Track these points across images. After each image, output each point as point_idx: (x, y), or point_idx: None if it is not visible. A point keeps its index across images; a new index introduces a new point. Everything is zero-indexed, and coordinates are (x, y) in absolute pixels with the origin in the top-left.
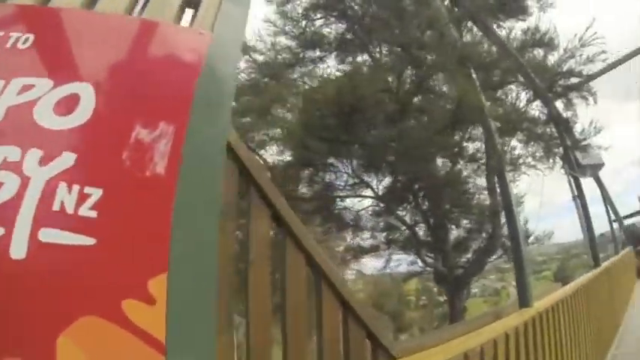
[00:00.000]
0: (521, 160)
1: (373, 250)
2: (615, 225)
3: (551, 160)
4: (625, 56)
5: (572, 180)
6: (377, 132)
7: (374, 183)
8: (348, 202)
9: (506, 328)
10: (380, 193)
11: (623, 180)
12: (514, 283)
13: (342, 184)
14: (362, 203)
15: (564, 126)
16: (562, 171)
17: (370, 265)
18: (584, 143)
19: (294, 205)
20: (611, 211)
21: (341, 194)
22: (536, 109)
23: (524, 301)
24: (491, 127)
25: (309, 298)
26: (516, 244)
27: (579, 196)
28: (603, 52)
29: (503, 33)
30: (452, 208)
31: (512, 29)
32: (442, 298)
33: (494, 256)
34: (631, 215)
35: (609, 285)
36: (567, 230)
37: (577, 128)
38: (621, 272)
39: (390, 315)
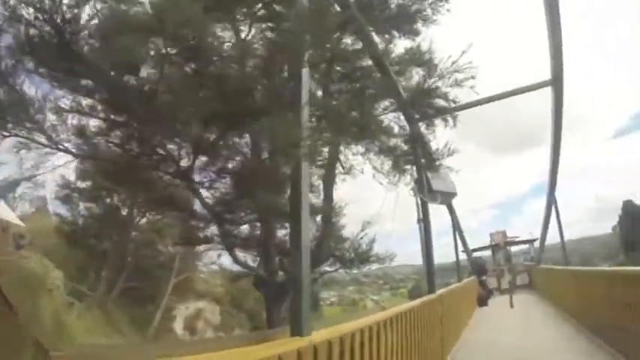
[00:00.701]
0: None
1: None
2: (465, 255)
3: (397, 176)
4: (498, 95)
5: (420, 203)
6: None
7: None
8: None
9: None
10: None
11: (479, 218)
12: (372, 296)
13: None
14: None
15: (421, 143)
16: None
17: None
18: (437, 163)
19: None
20: (460, 243)
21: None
22: (395, 123)
23: (296, 328)
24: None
25: None
26: (298, 261)
27: (424, 221)
28: (472, 77)
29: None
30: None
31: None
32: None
33: (331, 268)
34: (480, 249)
35: (444, 311)
36: (437, 250)
37: (432, 147)
38: (460, 299)
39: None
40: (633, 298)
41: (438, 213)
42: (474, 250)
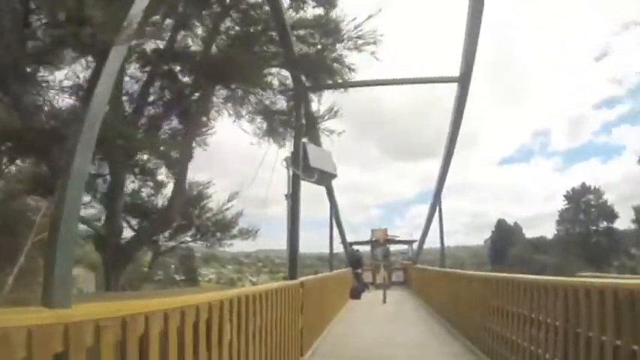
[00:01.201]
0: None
1: None
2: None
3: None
4: (401, 79)
5: (292, 176)
6: None
7: None
8: None
9: None
10: None
11: (365, 215)
12: (251, 277)
13: None
14: None
15: (305, 102)
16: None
17: None
18: (319, 124)
19: None
20: (338, 233)
21: None
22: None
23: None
24: None
25: None
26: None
27: (293, 198)
28: (374, 42)
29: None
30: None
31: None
32: None
33: (190, 237)
34: (360, 243)
35: (306, 299)
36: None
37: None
38: (329, 289)
39: None
40: (494, 300)
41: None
42: (354, 243)
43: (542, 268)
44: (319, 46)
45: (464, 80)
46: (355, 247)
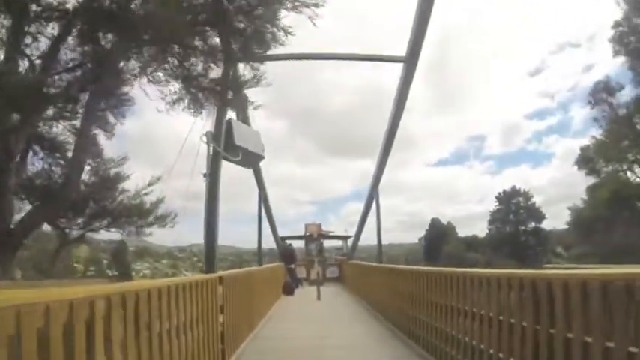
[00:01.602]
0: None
1: None
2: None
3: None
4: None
5: (211, 153)
6: None
7: None
8: None
9: None
10: None
11: (298, 210)
12: (186, 272)
13: None
14: None
15: (233, 65)
16: None
17: None
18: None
19: None
20: (268, 223)
21: None
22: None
23: None
24: None
25: None
26: None
27: (211, 178)
28: (315, 5)
29: None
30: None
31: None
32: None
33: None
34: (293, 237)
35: (228, 296)
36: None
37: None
38: (258, 285)
39: None
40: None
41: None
42: (287, 237)
43: (474, 264)
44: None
45: (411, 59)
46: (288, 242)
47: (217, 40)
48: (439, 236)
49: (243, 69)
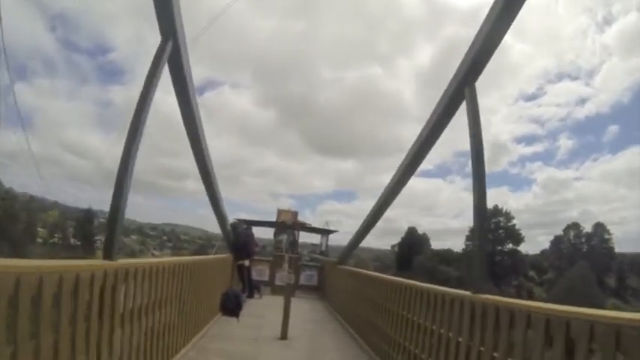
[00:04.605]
0: None
1: None
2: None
3: None
4: None
5: None
6: None
7: None
8: None
9: None
10: None
11: (279, 203)
12: (155, 251)
13: None
14: None
15: None
16: None
17: None
18: None
19: None
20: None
21: None
22: None
23: None
24: None
25: None
26: None
27: None
28: None
29: None
30: None
31: None
32: None
33: None
34: (259, 223)
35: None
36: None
37: None
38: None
39: None
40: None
41: None
42: (247, 222)
43: (446, 280)
44: None
45: None
46: (244, 225)
47: None
48: (413, 245)
49: None
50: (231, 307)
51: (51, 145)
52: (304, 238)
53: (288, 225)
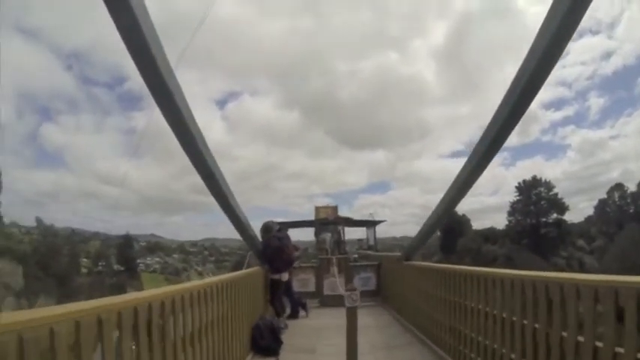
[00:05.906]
0: None
1: None
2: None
3: None
4: None
5: None
6: None
7: None
8: None
9: None
10: None
11: (312, 203)
12: (198, 267)
13: None
14: None
15: None
16: None
17: None
18: None
19: None
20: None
21: None
22: None
23: None
24: None
25: None
26: None
27: None
28: None
29: None
30: None
31: None
32: None
33: None
34: (295, 224)
35: None
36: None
37: None
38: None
39: None
40: None
41: None
42: (284, 224)
43: (493, 259)
44: None
45: None
46: (277, 226)
47: None
48: (455, 228)
49: None
50: (266, 344)
51: (85, 178)
52: (346, 234)
53: (330, 221)
